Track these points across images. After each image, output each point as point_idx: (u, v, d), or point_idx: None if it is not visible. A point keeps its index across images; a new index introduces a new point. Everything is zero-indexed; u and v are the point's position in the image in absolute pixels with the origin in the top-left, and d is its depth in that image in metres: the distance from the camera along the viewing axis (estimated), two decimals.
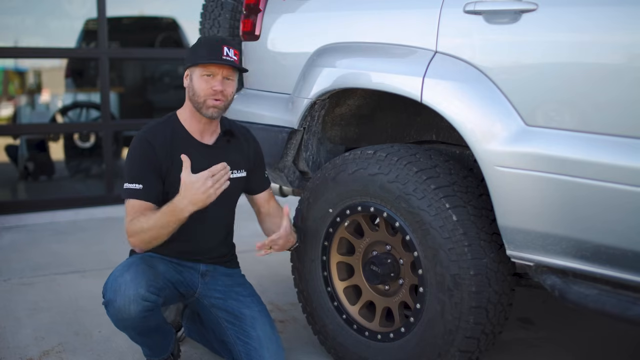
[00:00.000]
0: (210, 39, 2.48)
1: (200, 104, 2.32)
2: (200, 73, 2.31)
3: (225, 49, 2.29)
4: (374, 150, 2.33)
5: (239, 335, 2.42)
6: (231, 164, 2.41)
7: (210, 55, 2.29)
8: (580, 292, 1.88)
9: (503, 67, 2.04)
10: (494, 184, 2.03)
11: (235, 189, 2.49)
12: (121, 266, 2.28)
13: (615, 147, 1.80)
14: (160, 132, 2.36)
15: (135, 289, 2.19)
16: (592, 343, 2.90)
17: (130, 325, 2.27)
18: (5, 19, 7.68)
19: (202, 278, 2.48)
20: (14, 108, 8.18)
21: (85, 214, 5.14)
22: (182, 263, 2.44)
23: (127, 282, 2.20)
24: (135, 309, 2.19)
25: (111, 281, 2.24)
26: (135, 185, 2.29)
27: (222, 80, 2.31)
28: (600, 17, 1.87)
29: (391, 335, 2.35)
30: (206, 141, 2.42)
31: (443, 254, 2.12)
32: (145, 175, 2.30)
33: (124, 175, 2.33)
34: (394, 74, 2.31)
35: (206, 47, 2.33)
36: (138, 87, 7.70)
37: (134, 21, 7.78)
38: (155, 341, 2.42)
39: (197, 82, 2.32)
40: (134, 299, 2.19)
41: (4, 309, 3.21)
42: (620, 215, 1.81)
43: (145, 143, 2.32)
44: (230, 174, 2.23)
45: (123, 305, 2.19)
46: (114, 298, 2.20)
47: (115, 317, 2.24)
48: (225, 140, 2.45)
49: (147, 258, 2.34)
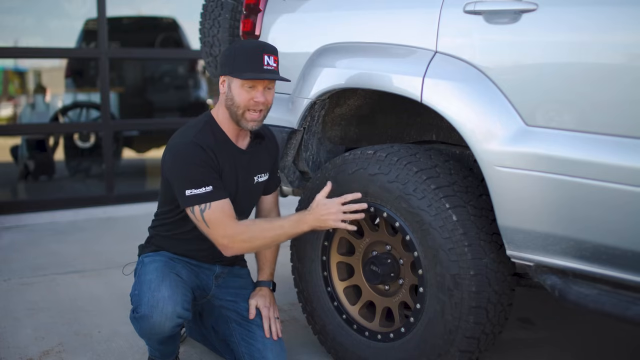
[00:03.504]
0: (249, 46, 2.29)
1: (239, 116, 2.26)
2: (241, 83, 2.23)
3: (265, 58, 2.21)
4: (374, 150, 2.33)
5: (244, 336, 2.43)
6: (260, 168, 2.44)
7: (252, 68, 2.21)
8: (580, 292, 1.88)
9: (503, 67, 2.04)
10: (494, 184, 2.03)
11: (259, 193, 2.52)
12: (154, 276, 2.25)
13: (615, 147, 1.80)
14: (205, 137, 2.27)
15: (173, 307, 2.19)
16: (592, 343, 2.89)
17: (158, 338, 2.28)
18: (5, 19, 7.69)
19: (216, 280, 2.50)
20: (14, 108, 8.19)
21: (85, 214, 5.15)
22: (201, 265, 2.45)
23: (165, 299, 2.18)
24: (169, 325, 2.20)
25: (147, 296, 2.20)
26: (205, 188, 2.19)
27: (264, 91, 2.25)
28: (600, 17, 1.87)
29: (391, 335, 2.35)
30: (240, 145, 2.38)
31: (443, 254, 2.12)
32: (209, 175, 2.21)
33: (180, 184, 2.21)
34: (394, 74, 2.31)
35: (246, 57, 2.23)
36: (138, 87, 7.70)
37: (134, 21, 7.78)
38: (170, 347, 2.43)
39: (237, 93, 2.24)
40: (171, 316, 2.19)
41: (4, 309, 3.21)
42: (620, 215, 1.81)
43: (197, 147, 2.22)
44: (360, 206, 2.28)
45: (159, 322, 2.18)
46: (151, 314, 2.18)
47: (147, 331, 2.24)
48: (256, 144, 2.43)
49: (172, 264, 2.34)
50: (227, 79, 2.28)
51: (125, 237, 4.36)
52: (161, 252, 2.40)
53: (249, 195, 2.46)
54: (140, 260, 2.41)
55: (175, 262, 2.37)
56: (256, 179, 2.44)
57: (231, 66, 2.25)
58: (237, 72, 2.23)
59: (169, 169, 2.27)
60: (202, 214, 2.21)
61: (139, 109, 7.54)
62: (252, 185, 2.44)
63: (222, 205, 2.22)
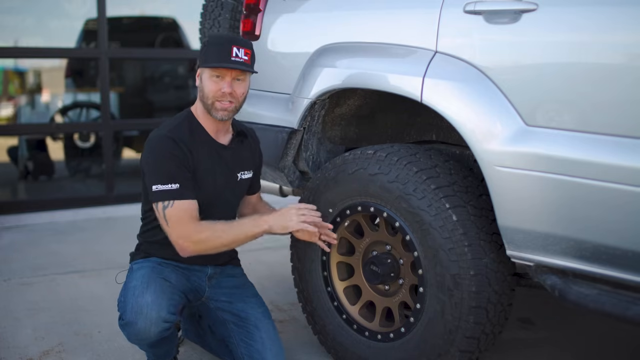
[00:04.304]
0: (220, 38, 2.38)
1: (209, 106, 2.29)
2: (209, 74, 2.27)
3: (234, 50, 2.23)
4: (374, 150, 2.33)
5: (242, 337, 2.42)
6: (243, 165, 2.46)
7: (219, 58, 2.24)
8: (580, 292, 1.88)
9: (503, 67, 2.04)
10: (494, 184, 2.03)
11: (243, 190, 2.53)
12: (139, 282, 2.24)
13: (615, 147, 1.80)
14: (180, 131, 2.29)
15: (157, 312, 2.17)
16: (592, 343, 2.89)
17: (146, 342, 2.27)
18: (5, 19, 7.69)
19: (209, 281, 2.48)
20: (14, 108, 8.18)
21: (85, 214, 5.14)
22: (191, 267, 2.43)
23: (149, 304, 2.17)
24: (155, 331, 2.19)
25: (131, 302, 2.19)
26: (171, 185, 2.19)
27: (231, 82, 2.26)
28: (600, 17, 1.87)
29: (391, 335, 2.35)
30: (221, 141, 2.39)
31: (443, 254, 2.12)
32: (178, 173, 2.21)
33: (150, 178, 2.23)
34: (394, 74, 2.31)
35: (215, 48, 2.26)
36: (138, 87, 7.70)
37: (134, 21, 7.77)
38: (163, 349, 2.43)
39: (206, 83, 2.27)
40: (156, 321, 2.18)
41: (4, 309, 3.21)
42: (620, 215, 1.81)
43: (170, 141, 2.24)
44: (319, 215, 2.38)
45: (144, 328, 2.18)
46: (135, 320, 2.17)
47: (133, 337, 2.23)
48: (239, 141, 2.44)
49: (159, 269, 2.33)
50: (200, 71, 2.31)
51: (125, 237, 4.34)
52: (150, 258, 2.38)
53: (234, 191, 2.47)
54: (130, 267, 2.40)
55: (163, 267, 2.35)
56: (240, 176, 2.45)
57: (202, 58, 2.29)
58: (206, 62, 2.27)
59: (142, 162, 2.30)
60: (164, 211, 2.20)
61: (139, 109, 7.53)
62: (236, 181, 2.45)
63: (186, 205, 2.21)
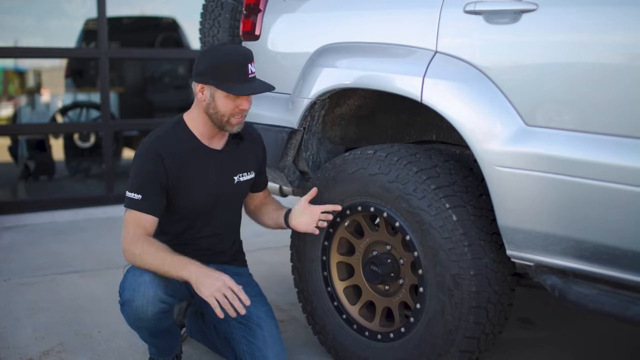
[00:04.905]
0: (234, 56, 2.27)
1: (223, 123, 2.28)
2: (225, 94, 2.23)
3: (249, 67, 2.23)
4: (374, 150, 2.33)
5: (245, 335, 2.42)
6: (241, 167, 2.45)
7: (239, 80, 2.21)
8: (580, 292, 1.88)
9: (503, 67, 2.04)
10: (494, 184, 2.03)
11: (244, 191, 2.52)
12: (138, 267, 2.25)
13: (615, 147, 1.80)
14: (169, 144, 2.29)
15: (154, 290, 2.18)
16: (592, 343, 2.89)
17: (145, 325, 2.27)
18: (5, 19, 7.69)
19: None
20: (14, 108, 8.18)
21: (85, 214, 5.15)
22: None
23: (146, 283, 2.18)
24: (152, 310, 2.20)
25: (130, 280, 2.21)
26: (135, 195, 2.24)
27: (248, 97, 2.27)
28: (600, 17, 1.87)
29: (391, 335, 2.35)
30: (215, 146, 2.38)
31: (443, 254, 2.12)
32: (147, 186, 2.25)
33: (128, 181, 2.29)
34: (394, 74, 2.31)
35: (230, 70, 2.22)
36: (138, 87, 7.70)
37: (134, 21, 7.77)
38: (165, 342, 2.43)
39: (223, 103, 2.24)
40: (152, 300, 2.18)
41: (4, 309, 3.21)
42: (620, 215, 1.81)
43: (153, 154, 2.25)
44: (247, 300, 2.16)
45: (141, 305, 2.18)
46: (132, 297, 2.19)
47: (132, 317, 2.24)
48: (234, 144, 2.43)
49: None
50: (210, 88, 2.25)
51: None
52: None
53: (232, 194, 2.46)
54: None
55: None
56: (237, 179, 2.44)
57: (215, 78, 2.23)
58: (224, 85, 2.22)
59: None
60: (125, 214, 2.28)
61: (139, 109, 7.53)
62: (233, 185, 2.44)
63: (140, 217, 2.24)
